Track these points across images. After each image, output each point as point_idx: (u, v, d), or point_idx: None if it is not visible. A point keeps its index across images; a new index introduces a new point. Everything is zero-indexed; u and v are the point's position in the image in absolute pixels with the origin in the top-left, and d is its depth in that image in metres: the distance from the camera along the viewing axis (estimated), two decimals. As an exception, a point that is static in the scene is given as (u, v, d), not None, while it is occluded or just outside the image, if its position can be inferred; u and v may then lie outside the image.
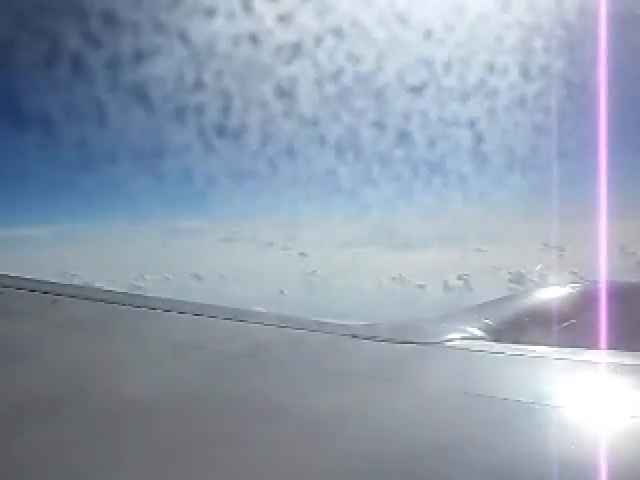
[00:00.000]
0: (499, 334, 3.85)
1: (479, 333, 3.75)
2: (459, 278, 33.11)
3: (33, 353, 3.04)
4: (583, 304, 4.50)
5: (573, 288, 5.05)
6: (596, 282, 4.86)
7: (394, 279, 34.72)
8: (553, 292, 5.14)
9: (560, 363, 3.09)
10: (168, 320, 3.98)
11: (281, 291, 30.82)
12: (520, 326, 4.17)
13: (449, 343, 3.34)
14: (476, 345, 3.42)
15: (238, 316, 4.00)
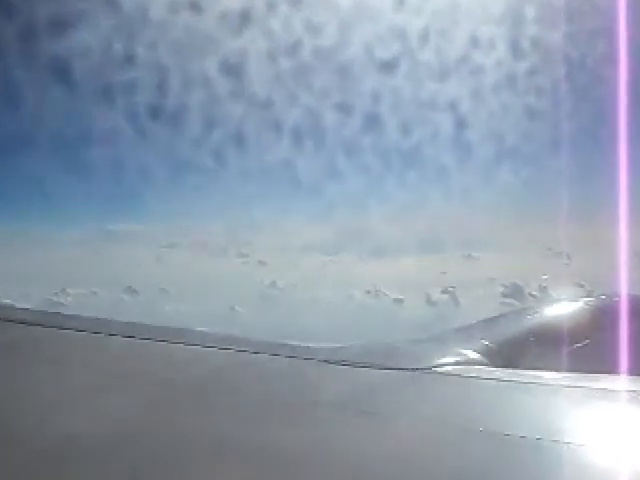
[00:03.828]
0: (499, 358, 3.87)
1: (475, 356, 3.75)
2: (444, 291, 33.42)
3: None
4: (598, 322, 4.56)
5: (586, 303, 5.13)
6: (613, 296, 4.93)
7: (368, 292, 34.91)
8: (562, 308, 5.19)
9: (572, 391, 3.11)
10: (96, 344, 3.94)
11: (232, 307, 30.76)
12: (524, 348, 4.22)
13: (439, 369, 3.33)
14: (472, 371, 3.42)
15: (181, 338, 3.99)
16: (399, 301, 33.18)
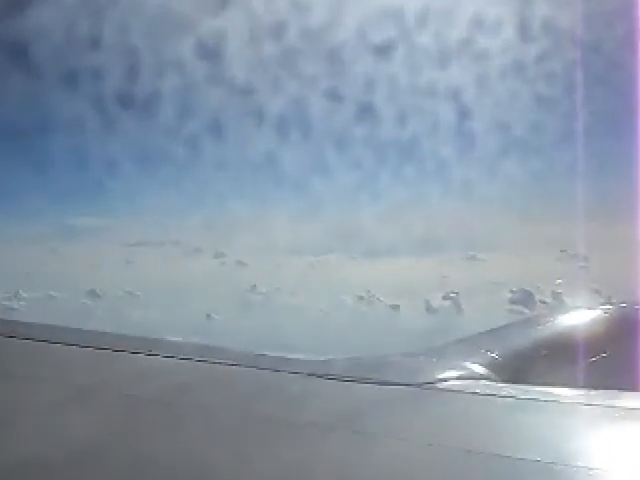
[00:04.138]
0: (507, 372, 3.88)
1: (480, 371, 3.77)
2: (446, 297, 33.47)
3: None
4: (617, 333, 4.58)
5: (604, 311, 5.15)
6: (634, 304, 4.95)
7: (360, 298, 34.91)
8: (577, 317, 5.19)
9: (589, 410, 3.12)
10: (54, 354, 3.93)
11: (207, 315, 30.65)
12: (535, 361, 4.23)
13: (440, 384, 3.34)
14: (476, 386, 3.43)
15: (150, 348, 3.99)
16: (395, 308, 33.24)
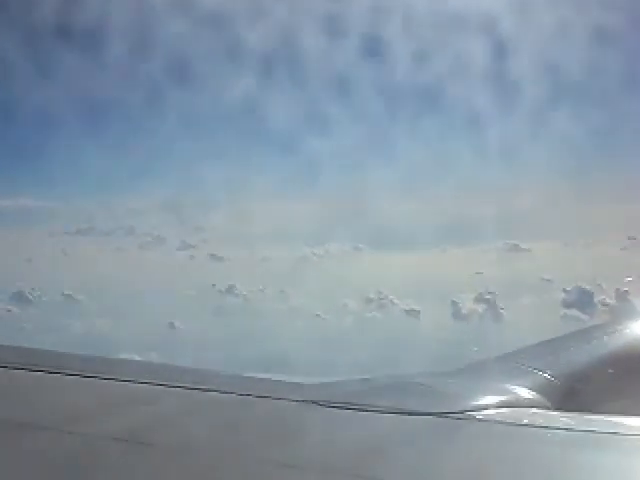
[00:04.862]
0: (564, 397, 3.88)
1: (530, 396, 3.74)
2: (479, 299, 32.93)
3: None
4: None
5: None
6: None
7: (368, 301, 34.35)
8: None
9: None
10: None
11: (170, 323, 30.25)
12: (600, 384, 4.21)
13: (480, 413, 3.35)
14: (526, 416, 3.45)
15: (98, 369, 3.99)
16: (414, 314, 32.86)
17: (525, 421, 3.36)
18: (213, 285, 37.03)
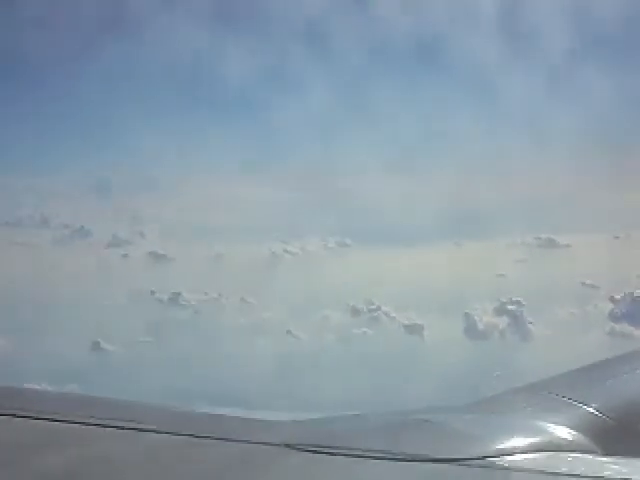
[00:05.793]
0: (615, 437, 3.57)
1: (570, 436, 3.47)
2: (501, 310, 30.35)
3: None
4: None
5: None
6: None
7: (357, 312, 32.00)
8: None
9: None
10: None
11: (95, 343, 28.37)
12: None
13: (506, 459, 3.09)
14: (566, 462, 3.21)
15: (14, 402, 3.83)
16: (416, 329, 30.75)
17: (564, 469, 3.16)
18: (152, 292, 34.27)
